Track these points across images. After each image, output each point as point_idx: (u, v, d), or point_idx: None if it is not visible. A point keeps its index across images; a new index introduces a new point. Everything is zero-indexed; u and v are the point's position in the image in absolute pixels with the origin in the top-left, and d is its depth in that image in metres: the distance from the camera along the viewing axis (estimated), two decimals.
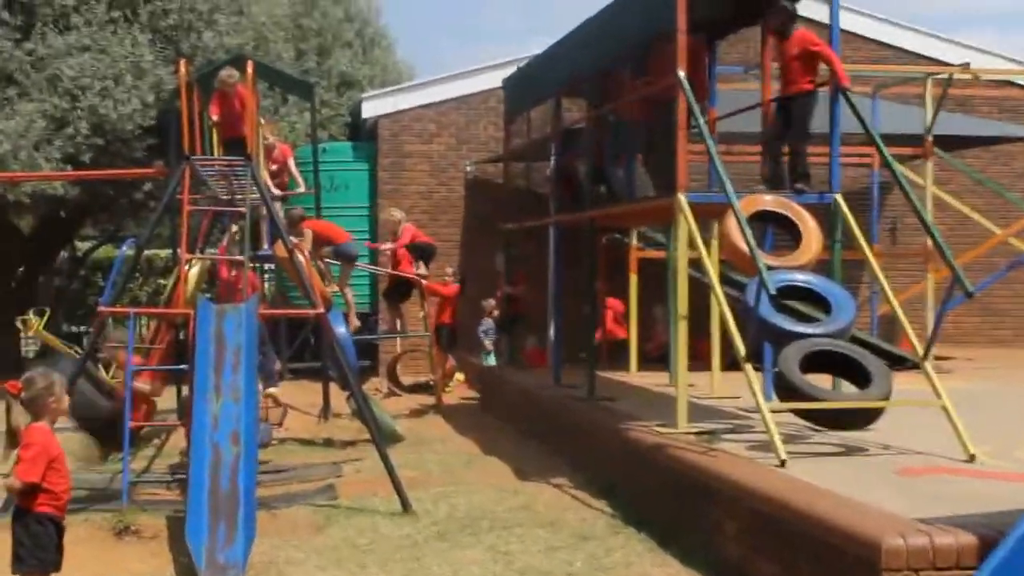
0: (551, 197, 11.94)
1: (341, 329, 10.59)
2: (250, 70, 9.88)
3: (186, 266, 9.44)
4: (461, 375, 15.28)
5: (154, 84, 15.01)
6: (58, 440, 5.17)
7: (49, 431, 5.10)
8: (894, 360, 10.81)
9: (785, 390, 7.19)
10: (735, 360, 7.31)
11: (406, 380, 14.79)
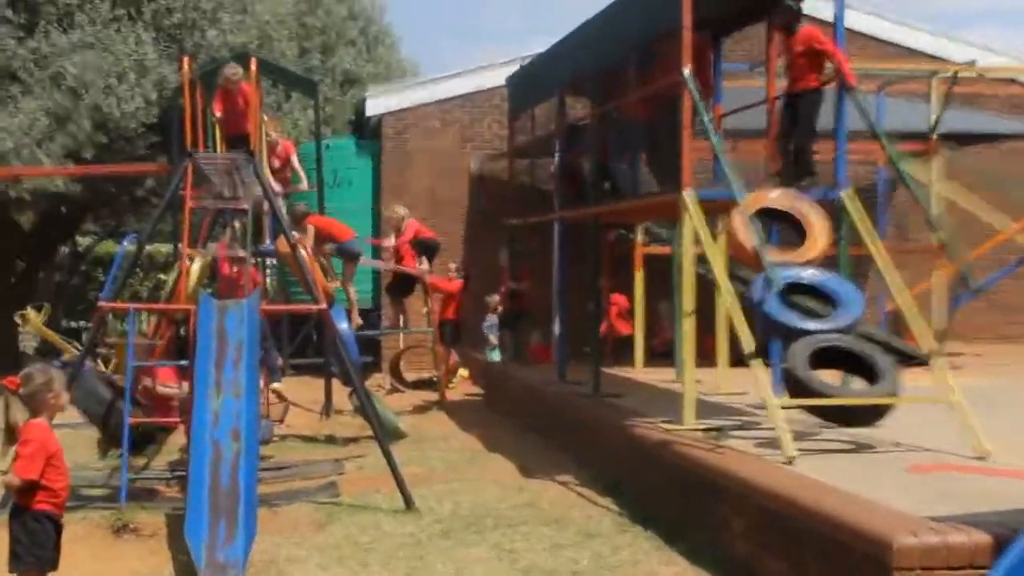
0: (555, 193, 11.88)
1: (343, 325, 10.53)
2: (254, 67, 9.83)
3: (187, 261, 9.40)
4: (465, 371, 15.23)
5: (157, 82, 14.98)
6: (56, 436, 5.13)
7: (48, 427, 5.08)
8: (907, 357, 10.71)
9: (793, 386, 7.13)
10: (742, 356, 7.24)
11: (409, 376, 14.74)
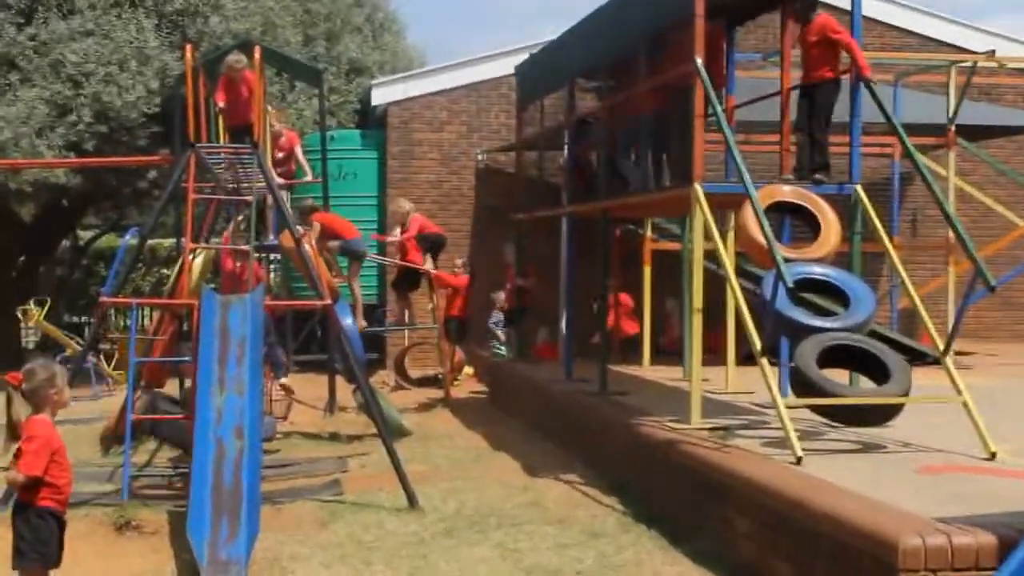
0: (564, 187, 11.76)
1: (348, 321, 10.46)
2: (257, 55, 9.71)
3: (190, 256, 9.32)
4: (470, 369, 15.13)
5: (159, 70, 14.77)
6: (59, 433, 5.11)
7: (51, 423, 5.07)
8: (915, 355, 10.62)
9: (802, 385, 7.05)
10: (750, 354, 7.16)
11: (414, 373, 14.64)
